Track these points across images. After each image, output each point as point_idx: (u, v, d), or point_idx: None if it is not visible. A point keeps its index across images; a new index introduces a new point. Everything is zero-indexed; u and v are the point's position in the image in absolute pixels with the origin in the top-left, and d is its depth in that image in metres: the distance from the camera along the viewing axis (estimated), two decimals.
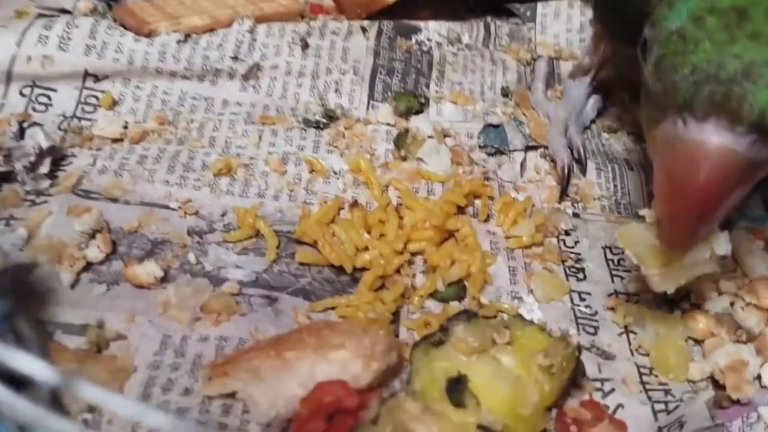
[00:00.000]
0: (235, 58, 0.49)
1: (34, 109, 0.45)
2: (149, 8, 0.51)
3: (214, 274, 0.38)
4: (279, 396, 0.31)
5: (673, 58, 0.29)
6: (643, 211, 0.34)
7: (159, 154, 0.44)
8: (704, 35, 0.28)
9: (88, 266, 0.37)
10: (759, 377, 0.34)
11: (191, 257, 0.38)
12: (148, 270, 0.37)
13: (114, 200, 0.41)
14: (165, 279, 0.37)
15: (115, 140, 0.44)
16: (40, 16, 0.50)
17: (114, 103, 0.46)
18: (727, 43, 0.28)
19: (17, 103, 0.45)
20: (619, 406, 0.33)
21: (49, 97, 0.46)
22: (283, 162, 0.44)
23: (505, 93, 0.51)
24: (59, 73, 0.46)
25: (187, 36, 0.49)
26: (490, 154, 0.47)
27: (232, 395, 0.32)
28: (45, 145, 0.41)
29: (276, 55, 0.50)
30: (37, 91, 0.46)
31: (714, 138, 0.28)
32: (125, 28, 0.49)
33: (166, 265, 0.37)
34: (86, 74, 0.47)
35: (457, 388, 0.31)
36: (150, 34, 0.49)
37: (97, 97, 0.46)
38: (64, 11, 0.52)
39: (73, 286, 0.36)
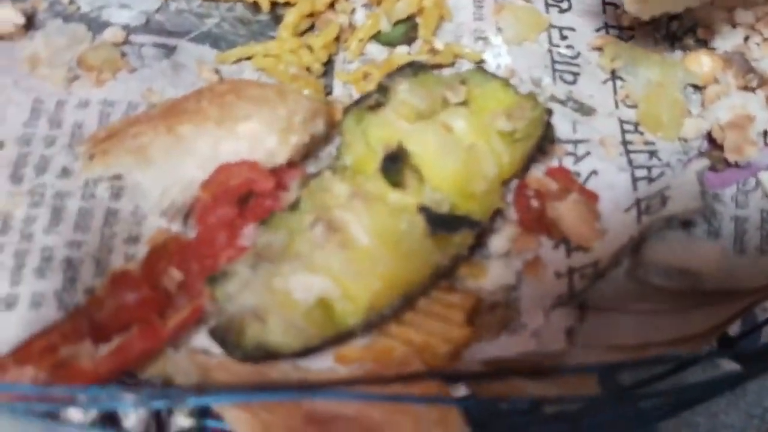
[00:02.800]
0: None
1: None
2: None
3: (94, 17, 0.29)
4: (173, 181, 0.25)
5: None
6: None
7: None
8: None
9: None
10: (765, 134, 0.29)
11: None
12: (6, 15, 0.28)
13: None
14: (30, 26, 0.29)
15: None
16: None
17: None
18: None
19: None
20: (593, 173, 0.28)
21: None
22: None
23: None
24: None
25: None
26: None
27: (119, 177, 0.26)
28: None
29: None
30: None
31: None
32: None
33: (31, 7, 0.29)
34: None
35: (395, 164, 0.25)
36: None
37: None
38: None
39: None
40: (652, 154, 0.29)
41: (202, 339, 0.24)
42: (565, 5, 0.32)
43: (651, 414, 0.22)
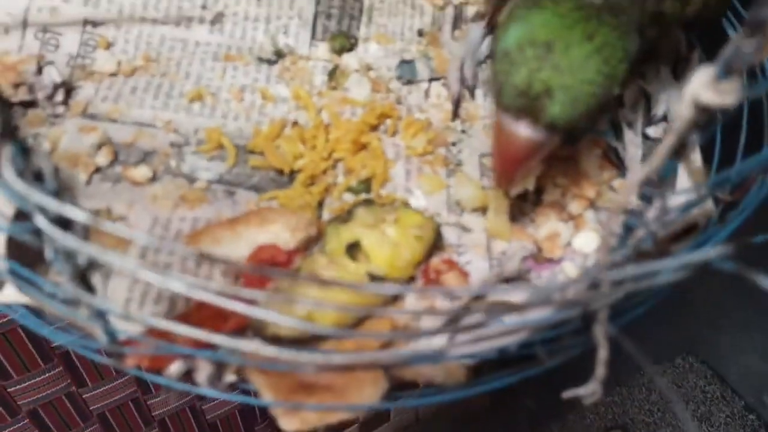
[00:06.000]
0: (203, 7, 0.62)
1: (47, 50, 0.58)
2: None
3: (190, 175, 0.52)
4: (232, 255, 0.46)
5: (502, 74, 0.41)
6: None
7: (146, 86, 0.57)
8: (523, 62, 0.40)
9: (97, 170, 0.51)
10: (569, 244, 0.50)
11: (173, 163, 0.52)
12: (142, 172, 0.51)
13: (113, 121, 0.54)
14: (154, 179, 0.51)
15: (112, 74, 0.58)
16: None
17: (109, 45, 0.59)
18: (537, 71, 0.40)
19: (33, 44, 0.58)
20: (468, 262, 0.49)
21: (57, 40, 0.59)
22: (242, 92, 0.58)
23: (420, 33, 0.64)
24: (64, 20, 0.59)
25: None
26: (403, 84, 0.60)
27: (201, 255, 0.47)
28: (58, 80, 0.55)
29: (236, 4, 0.63)
30: (48, 35, 0.58)
31: (522, 131, 0.42)
32: None
33: (155, 169, 0.52)
34: (85, 22, 0.59)
35: (353, 248, 0.46)
36: None
37: (95, 40, 0.59)
38: None
39: (87, 183, 0.50)
40: (504, 252, 0.50)
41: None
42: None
43: None
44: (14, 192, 0.29)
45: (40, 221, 0.30)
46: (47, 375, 1.04)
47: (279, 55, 0.61)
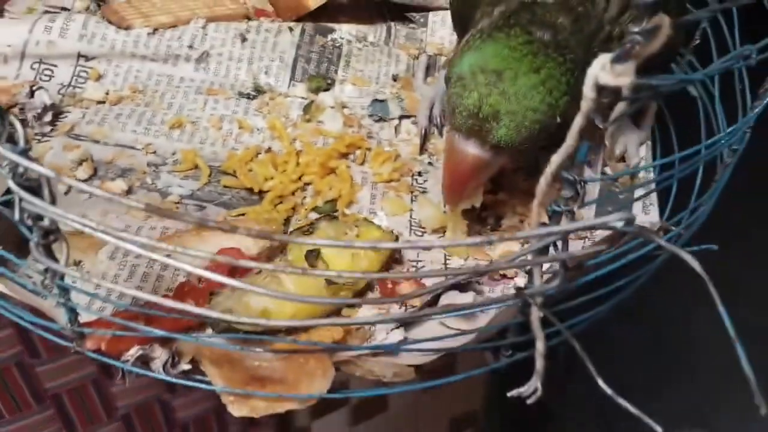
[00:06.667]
0: (190, 47, 0.66)
1: (41, 79, 0.62)
2: (128, 8, 0.68)
3: (164, 191, 0.55)
4: (197, 258, 0.47)
5: (456, 96, 0.45)
6: None
7: (131, 113, 0.61)
8: (474, 87, 0.44)
9: (80, 180, 0.54)
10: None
11: (148, 180, 0.55)
12: (118, 185, 0.54)
13: (96, 142, 0.58)
14: (129, 192, 0.54)
15: (99, 102, 0.61)
16: (46, 12, 0.68)
17: (99, 77, 0.63)
18: (486, 96, 0.44)
19: (29, 74, 0.62)
20: (425, 276, 0.50)
21: (52, 71, 0.63)
22: (220, 121, 0.61)
23: (395, 78, 0.68)
24: (59, 54, 0.63)
25: (155, 30, 0.66)
26: (375, 121, 0.64)
27: (168, 256, 0.48)
28: (48, 102, 0.58)
29: (221, 45, 0.67)
30: (43, 66, 0.63)
31: (471, 150, 0.45)
32: (110, 22, 0.66)
33: (131, 184, 0.54)
34: (79, 55, 0.64)
35: (313, 255, 0.48)
36: (128, 28, 0.66)
37: (87, 72, 0.63)
38: (65, 8, 0.69)
39: (65, 194, 0.53)
40: (461, 267, 0.51)
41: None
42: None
43: None
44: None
45: (11, 184, 0.32)
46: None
47: (259, 91, 0.65)
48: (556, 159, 0.34)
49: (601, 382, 0.31)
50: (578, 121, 0.32)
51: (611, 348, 0.91)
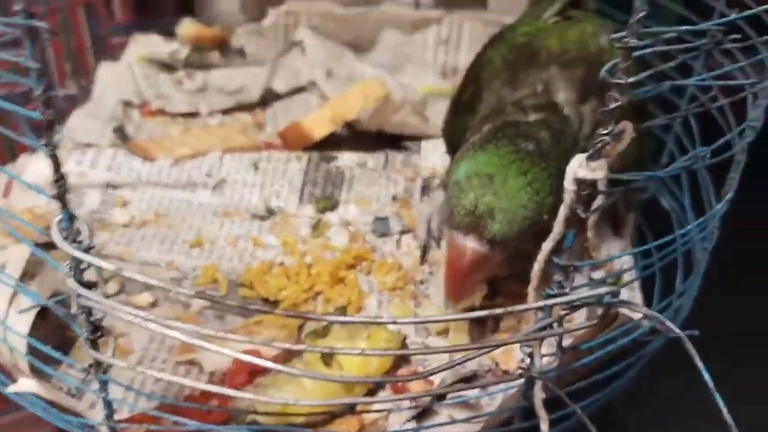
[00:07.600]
0: (208, 175, 0.73)
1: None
2: (152, 143, 0.75)
3: (186, 302, 0.59)
4: (219, 360, 0.51)
5: (454, 198, 0.51)
6: None
7: (154, 234, 0.66)
8: (470, 189, 0.50)
9: (107, 297, 0.58)
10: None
11: (171, 294, 0.60)
12: (144, 298, 0.58)
13: (123, 260, 0.62)
14: (154, 305, 0.58)
15: (125, 226, 0.67)
16: (77, 147, 0.75)
17: (125, 203, 0.69)
18: (481, 196, 0.49)
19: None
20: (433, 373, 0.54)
21: (81, 199, 0.69)
22: (236, 239, 0.67)
23: (394, 198, 0.75)
24: (89, 183, 0.70)
25: (177, 161, 0.73)
26: (377, 236, 0.69)
27: (191, 362, 0.52)
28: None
29: (236, 173, 0.74)
30: (73, 194, 0.69)
31: (470, 244, 0.50)
32: (135, 155, 0.73)
33: (156, 297, 0.59)
34: (108, 185, 0.70)
35: (329, 356, 0.52)
36: (151, 160, 0.73)
37: (114, 200, 0.69)
38: (89, 144, 0.76)
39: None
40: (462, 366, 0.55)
41: None
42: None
43: None
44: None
45: (70, 281, 0.37)
46: None
47: (270, 213, 0.70)
48: (546, 246, 0.39)
49: None
50: (563, 211, 0.37)
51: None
